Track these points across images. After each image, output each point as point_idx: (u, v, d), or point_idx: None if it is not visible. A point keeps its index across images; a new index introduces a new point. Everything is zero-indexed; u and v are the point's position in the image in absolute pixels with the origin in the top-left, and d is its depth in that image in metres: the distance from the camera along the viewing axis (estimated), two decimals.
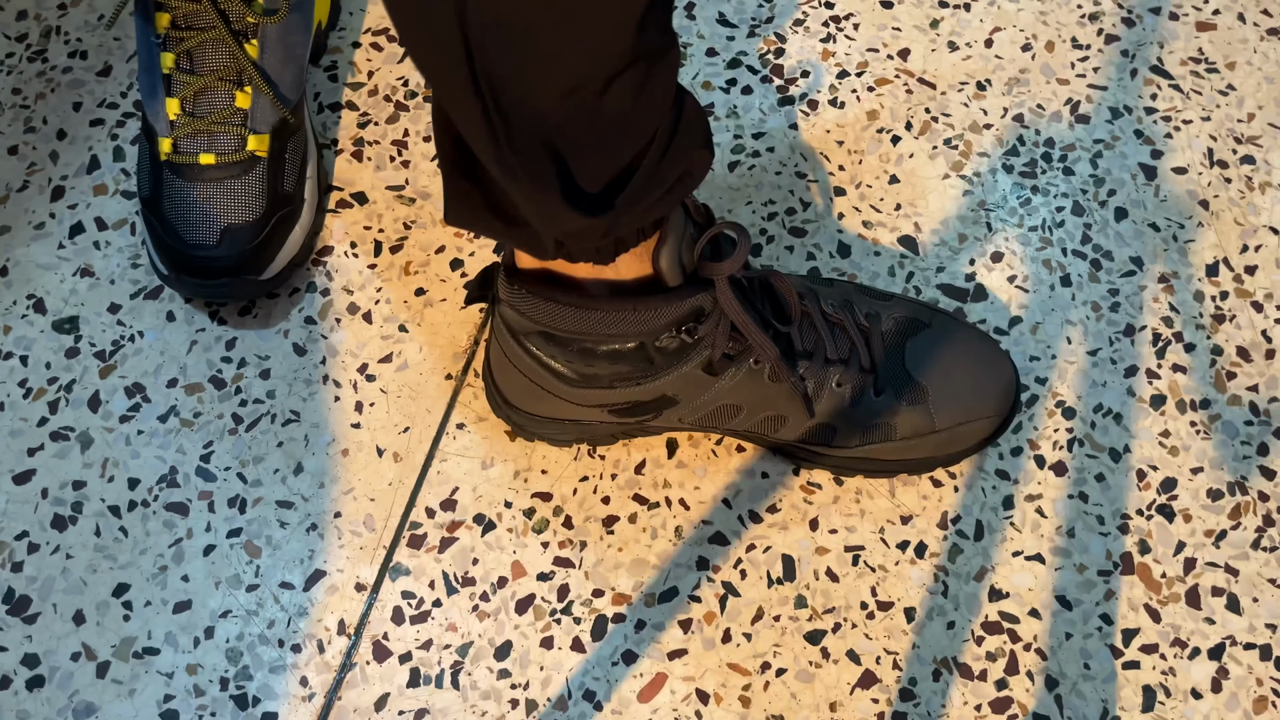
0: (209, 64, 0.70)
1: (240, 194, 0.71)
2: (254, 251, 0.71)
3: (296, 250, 0.75)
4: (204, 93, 0.71)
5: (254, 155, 0.71)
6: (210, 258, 0.71)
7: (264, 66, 0.71)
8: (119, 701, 0.66)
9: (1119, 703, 0.66)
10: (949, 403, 0.67)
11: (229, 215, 0.71)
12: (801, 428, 0.67)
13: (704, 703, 0.66)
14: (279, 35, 0.72)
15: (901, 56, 0.85)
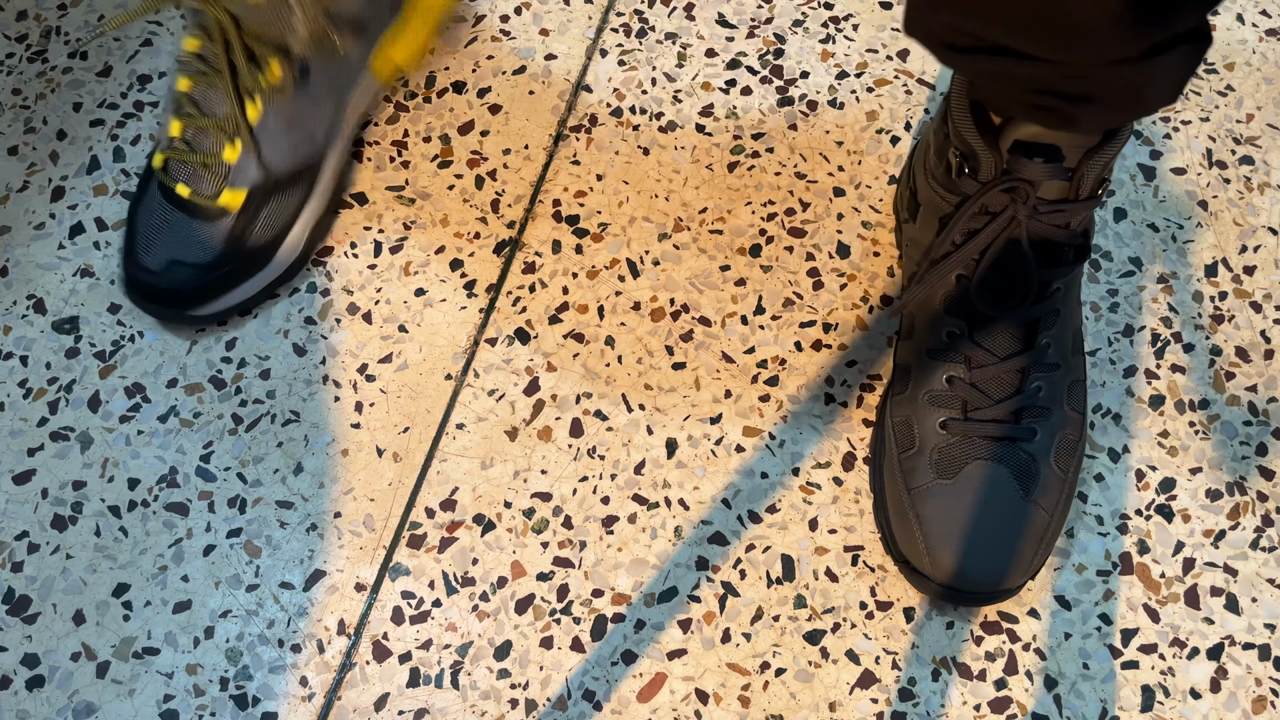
0: (211, 107, 0.70)
1: (199, 237, 0.71)
2: (192, 292, 0.72)
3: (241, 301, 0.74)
4: (202, 131, 0.71)
5: (224, 209, 0.71)
6: (148, 282, 0.71)
7: (261, 130, 0.71)
8: (119, 701, 0.66)
9: (1118, 702, 0.66)
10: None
11: (181, 251, 0.71)
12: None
13: (703, 703, 0.66)
14: (285, 105, 0.71)
15: (901, 57, 0.85)
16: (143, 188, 0.73)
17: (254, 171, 0.70)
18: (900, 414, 0.69)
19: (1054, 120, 0.57)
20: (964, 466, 0.66)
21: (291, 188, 0.72)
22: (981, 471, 0.66)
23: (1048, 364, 0.67)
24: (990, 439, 0.66)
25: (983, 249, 0.65)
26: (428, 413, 0.73)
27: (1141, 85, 0.53)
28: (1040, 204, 0.63)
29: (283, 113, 0.70)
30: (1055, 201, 0.63)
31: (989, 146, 0.61)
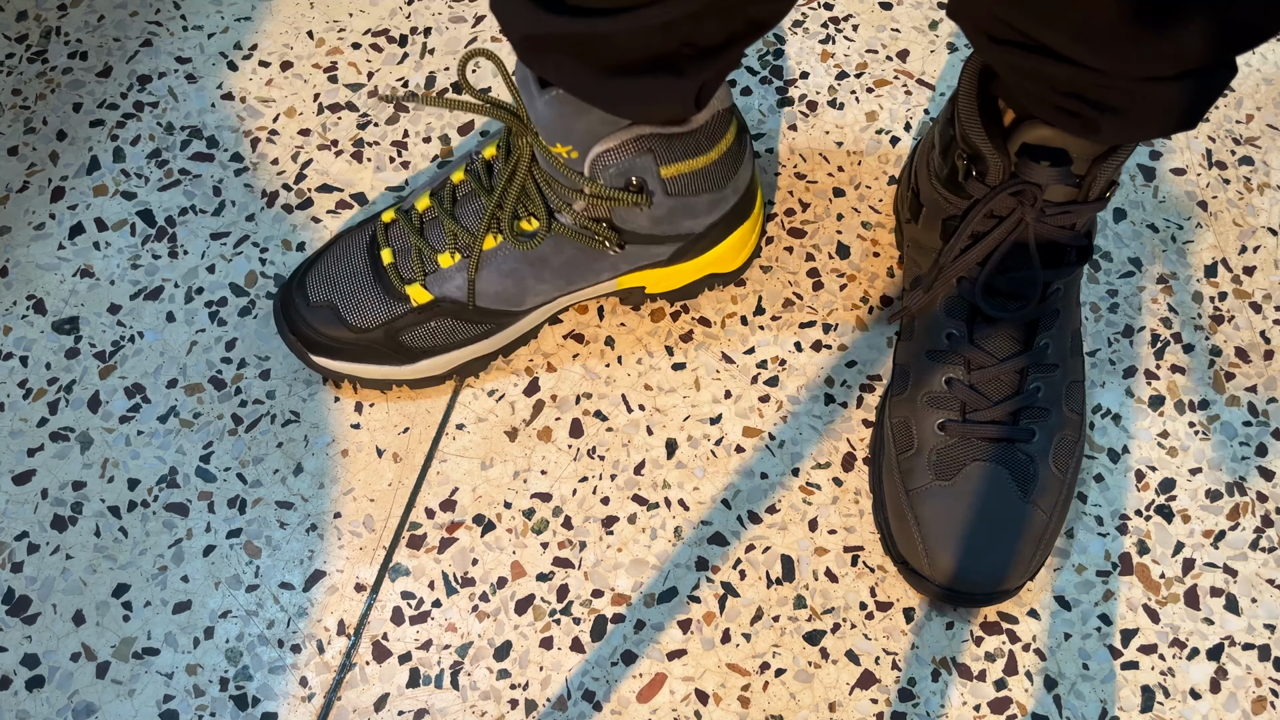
0: (462, 212, 0.68)
1: (368, 302, 0.69)
2: (324, 342, 0.70)
3: (362, 377, 0.71)
4: (439, 225, 0.69)
5: (406, 298, 0.69)
6: (294, 306, 0.70)
7: (485, 262, 0.68)
8: (119, 702, 0.66)
9: (1118, 703, 0.66)
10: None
11: (344, 301, 0.69)
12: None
13: (703, 703, 0.66)
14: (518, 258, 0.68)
15: (900, 58, 0.85)
16: (358, 227, 0.72)
17: (453, 289, 0.68)
18: (899, 415, 0.69)
19: (1076, 126, 0.58)
20: (962, 468, 0.66)
21: (473, 322, 0.70)
22: (980, 473, 0.66)
23: (1046, 365, 0.67)
24: (989, 440, 0.66)
25: (989, 252, 0.65)
26: (428, 413, 0.73)
27: (1169, 105, 0.53)
28: (1048, 206, 0.63)
29: (512, 262, 0.68)
30: (1062, 204, 0.63)
31: (998, 150, 0.62)
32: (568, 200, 0.65)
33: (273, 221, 0.79)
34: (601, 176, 0.63)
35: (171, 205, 0.80)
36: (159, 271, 0.77)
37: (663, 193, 0.65)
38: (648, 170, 0.63)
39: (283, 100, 0.84)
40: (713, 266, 0.72)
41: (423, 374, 0.72)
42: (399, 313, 0.69)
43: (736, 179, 0.68)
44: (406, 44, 0.86)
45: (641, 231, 0.67)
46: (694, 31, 0.53)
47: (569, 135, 0.61)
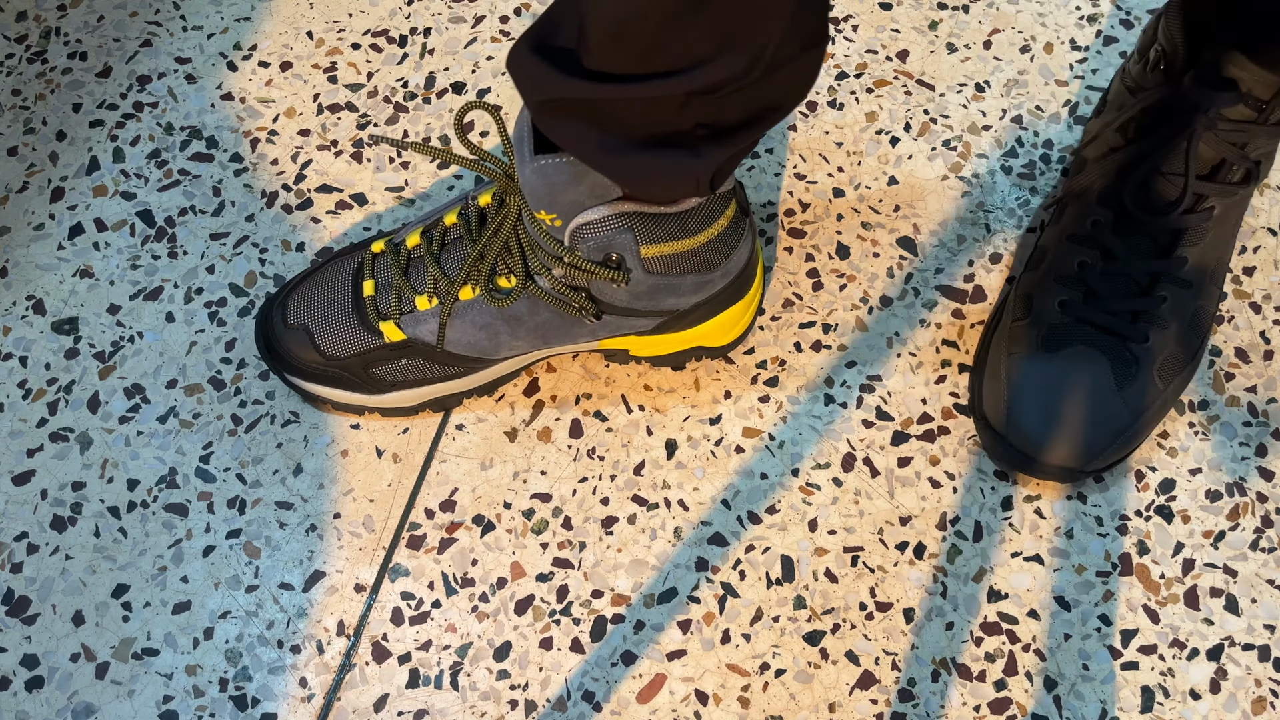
0: (445, 258, 0.68)
1: (342, 330, 0.69)
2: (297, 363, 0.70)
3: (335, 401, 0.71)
4: (423, 267, 0.68)
5: (379, 333, 0.68)
6: (270, 327, 0.70)
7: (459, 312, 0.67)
8: (118, 702, 0.66)
9: (1118, 703, 0.66)
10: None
11: (320, 324, 0.69)
12: None
13: (703, 703, 0.66)
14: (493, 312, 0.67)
15: (900, 58, 0.85)
16: (348, 252, 0.71)
17: (426, 332, 0.68)
18: (1024, 289, 0.72)
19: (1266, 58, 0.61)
20: (1067, 346, 0.68)
21: (444, 364, 0.70)
22: (1083, 355, 0.68)
23: (1179, 279, 0.69)
24: (1101, 330, 0.68)
25: (1153, 148, 0.68)
26: (427, 413, 0.73)
27: None
28: (1221, 121, 0.66)
29: (486, 316, 0.67)
30: (1238, 122, 0.66)
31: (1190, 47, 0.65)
32: (547, 265, 0.64)
33: (272, 222, 0.79)
34: (580, 248, 0.62)
35: (171, 205, 0.80)
36: (159, 272, 0.77)
37: (642, 270, 0.63)
38: (626, 248, 0.62)
39: (282, 100, 0.84)
40: (700, 340, 0.71)
41: (393, 404, 0.72)
42: (371, 346, 0.69)
43: (728, 263, 0.66)
44: (406, 44, 0.86)
45: (619, 304, 0.66)
46: (712, 110, 0.52)
47: (553, 204, 0.60)
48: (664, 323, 0.69)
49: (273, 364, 0.71)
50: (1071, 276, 0.70)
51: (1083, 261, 0.70)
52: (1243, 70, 0.64)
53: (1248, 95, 0.65)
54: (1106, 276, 0.69)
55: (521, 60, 0.54)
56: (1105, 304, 0.69)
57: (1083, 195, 0.72)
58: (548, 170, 0.58)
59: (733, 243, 0.66)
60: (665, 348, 0.71)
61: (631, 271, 0.63)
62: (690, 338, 0.71)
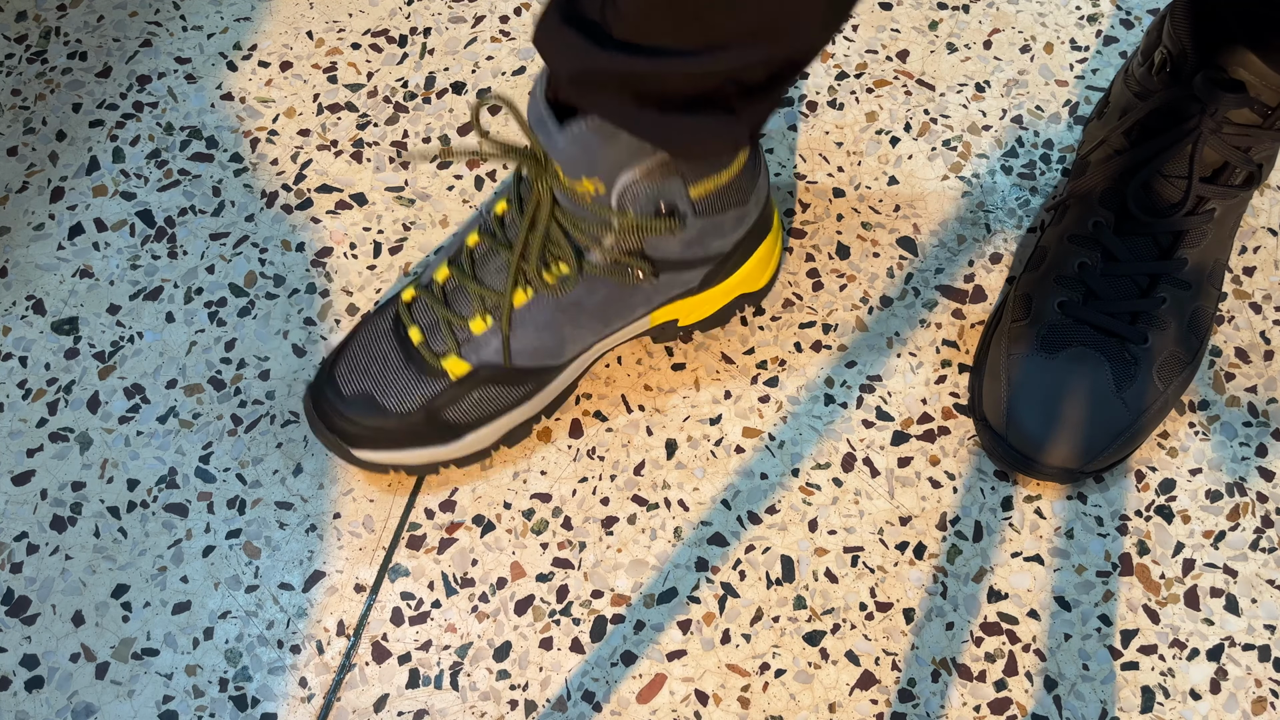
0: (485, 273, 0.66)
1: (404, 386, 0.66)
2: (362, 433, 0.67)
3: (409, 464, 0.69)
4: (464, 290, 0.66)
5: (444, 372, 0.66)
6: (329, 402, 0.67)
7: (519, 319, 0.66)
8: (118, 702, 0.66)
9: (1118, 703, 0.66)
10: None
11: (380, 390, 0.66)
12: None
13: (703, 704, 0.66)
14: (552, 307, 0.66)
15: (900, 58, 0.85)
16: (378, 312, 0.69)
17: (491, 355, 0.66)
18: (1025, 289, 0.72)
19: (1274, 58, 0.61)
20: (1067, 347, 0.68)
21: (515, 385, 0.68)
22: (1083, 356, 0.68)
23: (1179, 280, 0.69)
24: (1101, 330, 0.69)
25: (1157, 151, 0.68)
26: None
27: None
28: (1226, 124, 0.66)
29: (546, 313, 0.65)
30: (1243, 125, 0.66)
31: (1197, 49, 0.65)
32: (596, 237, 0.63)
33: (272, 222, 0.79)
34: (631, 207, 0.61)
35: (171, 205, 0.80)
36: (158, 272, 0.77)
37: (693, 214, 0.63)
38: (677, 193, 0.62)
39: (282, 100, 0.84)
40: (741, 287, 0.72)
41: (469, 450, 0.69)
42: (438, 390, 0.66)
43: (756, 191, 0.67)
44: (406, 44, 0.86)
45: (673, 257, 0.66)
46: (739, 70, 0.53)
47: (593, 168, 0.59)
48: (709, 274, 0.69)
49: (337, 445, 0.68)
50: (1071, 277, 0.70)
51: (1083, 263, 0.70)
52: (1250, 72, 0.64)
53: (1254, 100, 0.65)
54: (1106, 278, 0.69)
55: (552, 32, 0.54)
56: (1105, 305, 0.69)
57: (1085, 197, 0.72)
58: (582, 136, 0.58)
59: (756, 169, 0.67)
60: (712, 304, 0.71)
61: (685, 216, 0.63)
62: (732, 286, 0.71)
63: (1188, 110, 0.67)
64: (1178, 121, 0.68)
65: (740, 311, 0.75)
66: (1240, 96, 0.64)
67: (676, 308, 0.70)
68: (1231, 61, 0.64)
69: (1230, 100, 0.65)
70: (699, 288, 0.70)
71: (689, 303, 0.70)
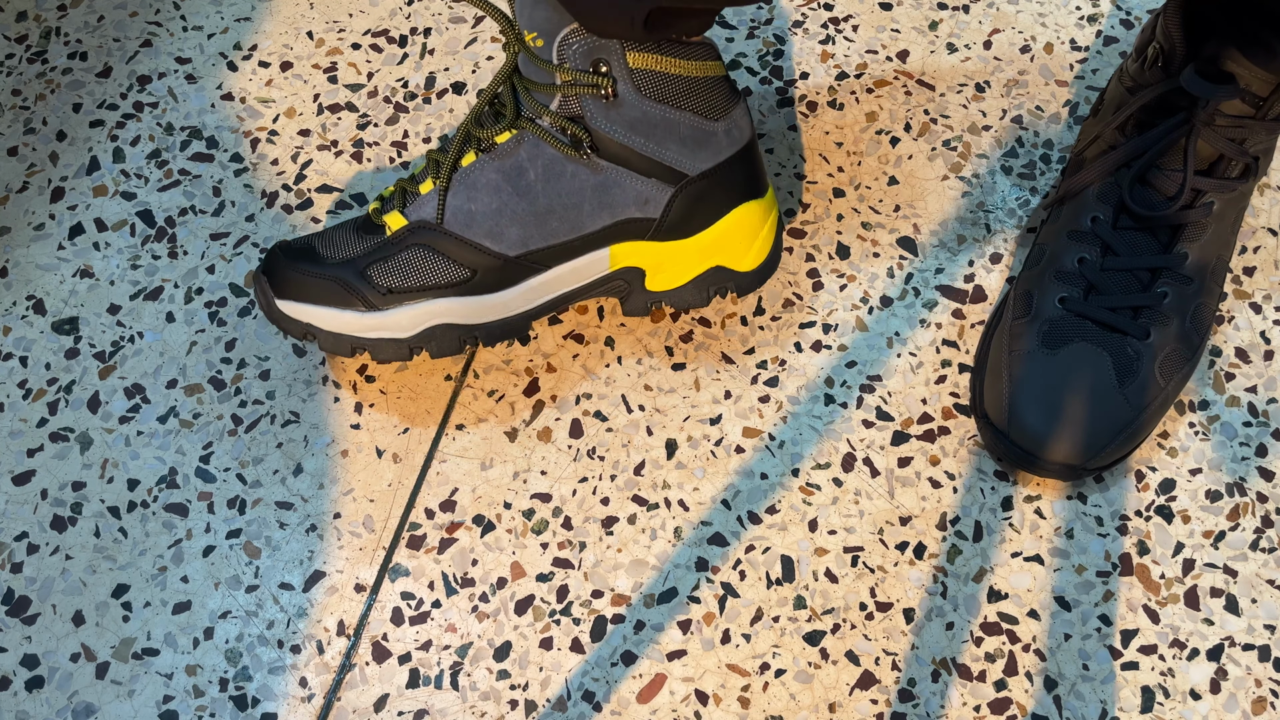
0: (448, 145, 0.67)
1: (341, 238, 0.68)
2: (286, 274, 0.67)
3: (326, 327, 0.67)
4: (426, 161, 0.68)
5: (382, 227, 0.67)
6: (277, 250, 0.69)
7: (460, 179, 0.66)
8: (118, 702, 0.66)
9: (1118, 703, 0.66)
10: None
11: (322, 240, 0.68)
12: None
13: (703, 703, 0.66)
14: (496, 175, 0.66)
15: (900, 58, 0.85)
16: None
17: (429, 210, 0.66)
18: (1025, 285, 0.72)
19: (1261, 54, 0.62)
20: (1069, 343, 0.68)
21: (448, 260, 0.67)
22: (1084, 352, 0.68)
23: (1180, 275, 0.69)
24: (1102, 325, 0.69)
25: (1151, 145, 0.68)
26: (427, 414, 0.73)
27: None
28: (1219, 116, 0.66)
29: (489, 177, 0.65)
30: (1236, 117, 0.66)
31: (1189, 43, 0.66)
32: (544, 101, 0.64)
33: (272, 222, 0.79)
34: (569, 60, 0.62)
35: (171, 205, 0.80)
36: (159, 272, 0.77)
37: (632, 88, 0.63)
38: (613, 55, 0.62)
39: (282, 100, 0.84)
40: (717, 253, 0.69)
41: (388, 330, 0.67)
42: (371, 244, 0.67)
43: (729, 119, 0.66)
44: (406, 44, 0.86)
45: (618, 139, 0.65)
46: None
47: (533, 20, 0.61)
48: (674, 209, 0.67)
49: (264, 289, 0.68)
50: (1072, 273, 0.70)
51: (1082, 258, 0.70)
52: (1240, 66, 0.64)
53: (1246, 91, 0.65)
54: (1107, 272, 0.70)
55: None
56: (1106, 300, 0.69)
57: (1081, 193, 0.72)
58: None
59: (731, 100, 0.66)
60: (683, 266, 0.70)
61: (620, 83, 0.63)
62: (706, 246, 0.69)
63: (1180, 104, 0.67)
64: (1171, 115, 0.68)
65: (722, 296, 0.73)
66: (1230, 88, 0.64)
67: (641, 251, 0.68)
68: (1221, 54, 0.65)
69: (1221, 92, 0.65)
70: (664, 225, 0.68)
71: (655, 250, 0.68)
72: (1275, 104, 0.65)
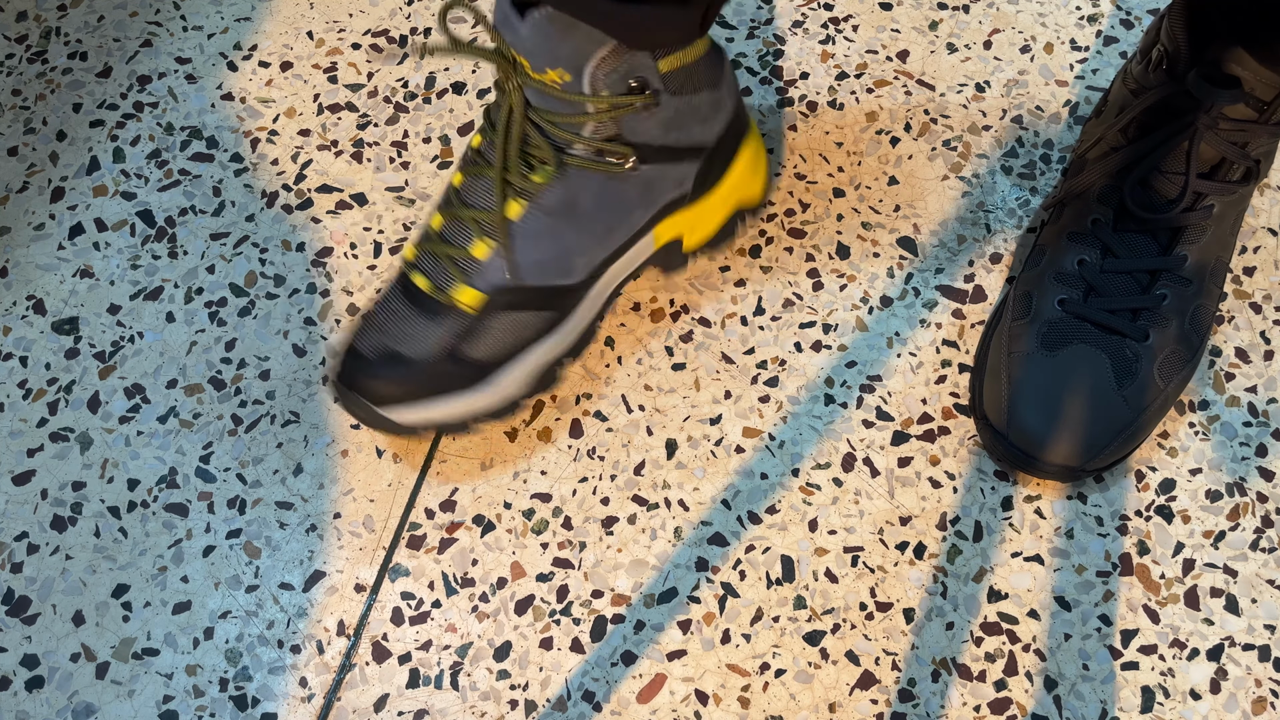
0: (475, 198, 0.65)
1: (421, 331, 0.65)
2: (395, 388, 0.65)
3: (444, 419, 0.67)
4: (459, 223, 0.66)
5: (455, 306, 0.65)
6: (354, 367, 0.66)
7: (517, 232, 0.64)
8: (118, 702, 0.66)
9: (1118, 703, 0.66)
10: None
11: (399, 341, 0.65)
12: None
13: (703, 703, 0.66)
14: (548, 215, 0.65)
15: (900, 58, 0.85)
16: (387, 286, 0.68)
17: (499, 276, 0.64)
18: (1024, 288, 0.72)
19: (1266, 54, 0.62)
20: (1068, 345, 0.68)
21: (533, 309, 0.66)
22: (1083, 353, 0.68)
23: (1179, 277, 0.69)
24: (1101, 328, 0.69)
25: (1154, 147, 0.69)
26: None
27: None
28: (1222, 119, 0.66)
29: (542, 219, 0.64)
30: (1239, 121, 0.66)
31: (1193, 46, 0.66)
32: (574, 129, 0.63)
33: (272, 222, 0.79)
34: (604, 88, 0.61)
35: (171, 205, 0.80)
36: (159, 272, 0.77)
37: (666, 91, 0.63)
38: (647, 68, 0.62)
39: (283, 100, 0.84)
40: (736, 195, 0.71)
41: (502, 395, 0.68)
42: (455, 327, 0.65)
43: (726, 76, 0.67)
44: (406, 44, 0.86)
45: (655, 143, 0.65)
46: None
47: (557, 57, 0.59)
48: (700, 174, 0.69)
49: (365, 408, 0.66)
50: (1071, 274, 0.70)
51: (1082, 259, 0.70)
52: (1245, 69, 0.64)
53: (1249, 95, 0.65)
54: (1106, 274, 0.70)
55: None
56: (1106, 302, 0.69)
57: (1083, 195, 0.72)
58: (542, 24, 0.58)
59: (721, 57, 0.67)
60: (711, 218, 0.72)
61: (659, 92, 0.63)
62: (728, 195, 0.72)
63: (1184, 106, 0.67)
64: (1174, 118, 0.68)
65: (743, 223, 0.75)
66: (1235, 93, 0.64)
67: (677, 223, 0.70)
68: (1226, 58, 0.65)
69: (1225, 96, 0.65)
70: (693, 193, 0.69)
71: (688, 217, 0.69)
72: (1279, 108, 0.65)
